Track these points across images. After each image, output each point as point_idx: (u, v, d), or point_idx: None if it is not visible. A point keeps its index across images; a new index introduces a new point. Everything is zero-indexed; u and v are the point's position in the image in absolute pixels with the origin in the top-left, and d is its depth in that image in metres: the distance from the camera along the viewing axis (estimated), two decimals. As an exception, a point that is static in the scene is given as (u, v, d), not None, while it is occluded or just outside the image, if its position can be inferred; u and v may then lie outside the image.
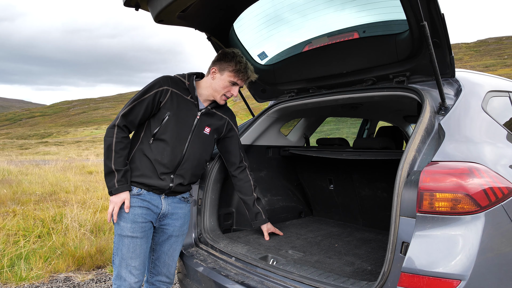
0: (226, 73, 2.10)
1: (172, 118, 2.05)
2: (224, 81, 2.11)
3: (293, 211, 3.43)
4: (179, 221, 2.20)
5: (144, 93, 2.02)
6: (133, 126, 2.04)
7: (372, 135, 4.70)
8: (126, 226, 1.98)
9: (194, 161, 2.14)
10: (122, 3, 2.08)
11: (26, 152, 29.98)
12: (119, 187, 1.94)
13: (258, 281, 1.96)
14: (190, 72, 2.21)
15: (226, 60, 2.11)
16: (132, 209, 1.99)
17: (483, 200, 1.43)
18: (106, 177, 1.97)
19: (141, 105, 2.00)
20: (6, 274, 3.52)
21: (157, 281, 2.25)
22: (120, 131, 1.98)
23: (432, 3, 1.71)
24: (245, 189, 2.46)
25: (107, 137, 1.97)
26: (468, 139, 1.66)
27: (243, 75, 2.12)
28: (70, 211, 5.19)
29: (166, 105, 2.04)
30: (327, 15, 2.31)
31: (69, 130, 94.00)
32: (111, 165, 1.94)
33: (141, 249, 2.02)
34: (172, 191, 2.11)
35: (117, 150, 1.95)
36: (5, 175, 9.62)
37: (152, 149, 2.03)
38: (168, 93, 2.05)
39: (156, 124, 2.04)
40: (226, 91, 2.13)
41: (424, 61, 2.06)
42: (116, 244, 2.02)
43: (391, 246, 1.52)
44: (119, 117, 1.99)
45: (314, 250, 2.45)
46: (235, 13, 2.45)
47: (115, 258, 2.03)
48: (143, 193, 2.03)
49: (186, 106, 2.10)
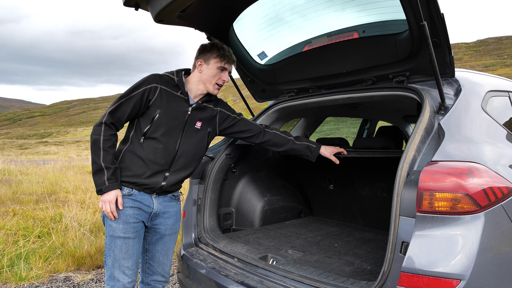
0: (211, 61, 2.10)
1: (163, 116, 2.02)
2: (212, 70, 2.11)
3: (293, 211, 3.43)
4: (171, 220, 2.18)
5: (132, 91, 1.99)
6: (120, 124, 2.01)
7: (372, 135, 4.70)
8: (118, 227, 1.96)
9: (188, 157, 2.12)
10: (122, 3, 2.08)
11: (25, 152, 29.98)
12: (109, 185, 1.90)
13: (258, 281, 1.96)
14: (178, 68, 2.20)
15: (207, 50, 2.12)
16: (124, 209, 1.97)
17: (483, 200, 1.43)
18: (94, 176, 1.92)
19: (128, 102, 1.98)
20: (5, 274, 3.52)
21: (152, 281, 2.23)
22: (107, 128, 1.95)
23: (431, 3, 1.71)
24: (279, 141, 2.41)
25: (94, 135, 1.94)
26: (468, 139, 1.66)
27: (229, 59, 2.13)
28: (70, 211, 5.19)
29: (155, 103, 2.02)
30: (326, 15, 2.31)
31: (69, 130, 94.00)
32: (100, 163, 1.90)
33: (133, 249, 2.01)
34: (163, 190, 2.09)
35: (105, 148, 1.92)
36: (5, 175, 9.61)
37: (143, 148, 2.01)
38: (157, 90, 2.03)
39: (146, 122, 2.02)
40: (217, 78, 2.13)
41: (423, 61, 2.06)
42: (108, 245, 2.00)
43: (391, 246, 1.53)
44: (106, 114, 1.96)
45: (314, 250, 2.45)
46: (234, 13, 2.45)
47: (107, 259, 2.01)
48: (134, 193, 2.01)
49: (176, 102, 2.08)
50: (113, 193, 1.92)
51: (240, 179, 3.01)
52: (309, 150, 2.41)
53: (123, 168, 2.01)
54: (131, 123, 2.08)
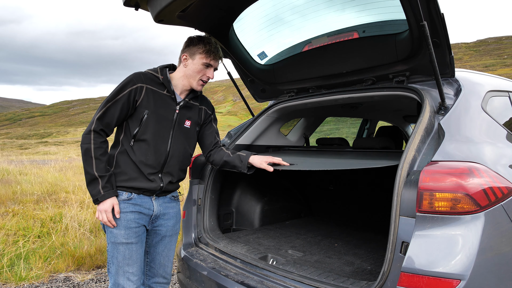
0: (197, 56, 2.03)
1: (151, 116, 1.96)
2: (197, 65, 2.04)
3: (293, 211, 3.43)
4: (171, 221, 2.16)
5: (117, 93, 1.92)
6: (110, 129, 1.95)
7: (372, 135, 4.70)
8: (119, 233, 1.92)
9: (179, 157, 2.08)
10: (122, 3, 2.08)
11: (25, 152, 29.96)
12: (105, 194, 1.86)
13: (258, 281, 1.96)
14: (161, 65, 2.13)
15: (194, 44, 2.05)
16: (124, 214, 1.94)
17: (483, 200, 1.43)
18: (89, 186, 1.88)
19: (115, 106, 1.91)
20: (5, 274, 3.52)
21: (154, 283, 2.20)
22: (97, 136, 1.89)
23: (432, 3, 1.71)
24: (216, 159, 2.27)
25: (84, 144, 1.88)
26: (468, 139, 1.66)
27: (215, 55, 2.05)
28: (70, 211, 5.19)
29: (142, 103, 1.95)
30: (326, 14, 2.31)
31: (69, 130, 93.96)
32: (93, 172, 1.86)
33: (137, 254, 1.97)
34: (163, 191, 2.06)
35: (97, 156, 1.87)
36: (5, 175, 9.61)
37: (134, 151, 1.96)
38: (143, 90, 1.95)
39: (135, 124, 1.96)
40: (201, 75, 2.06)
41: (423, 61, 2.06)
42: (111, 252, 1.95)
43: (391, 246, 1.53)
44: (94, 121, 1.89)
45: (314, 250, 2.45)
46: (234, 13, 2.45)
47: (110, 266, 1.96)
48: (134, 197, 1.97)
49: (163, 101, 2.02)
50: (108, 202, 1.88)
51: (240, 179, 3.01)
52: (239, 160, 2.22)
53: (119, 173, 1.97)
54: (120, 126, 2.01)
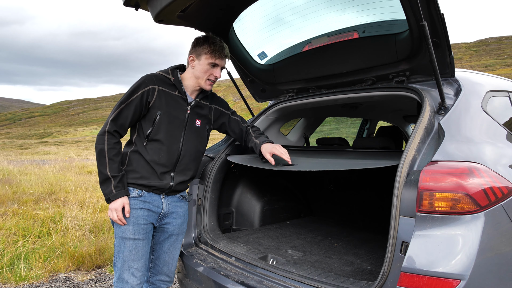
0: (203, 57, 2.08)
1: (163, 117, 2.03)
2: (203, 66, 2.08)
3: (293, 211, 3.43)
4: (179, 220, 2.20)
5: (131, 95, 1.98)
6: (123, 130, 2.02)
7: (372, 135, 4.70)
8: (127, 229, 1.98)
9: (191, 156, 2.15)
10: (122, 3, 2.08)
11: (25, 152, 29.96)
12: (117, 193, 1.93)
13: (257, 281, 1.96)
14: (172, 66, 2.18)
15: (199, 44, 2.09)
16: (133, 211, 1.99)
17: (483, 200, 1.43)
18: (102, 185, 1.95)
19: (129, 107, 1.97)
20: (5, 274, 3.52)
21: (157, 281, 2.25)
22: (111, 137, 1.95)
23: (432, 3, 1.71)
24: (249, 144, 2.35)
25: (98, 144, 1.95)
26: (468, 139, 1.66)
27: (220, 54, 2.09)
28: (70, 211, 5.19)
29: (155, 105, 2.02)
30: (326, 15, 2.31)
31: (69, 130, 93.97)
32: (106, 172, 1.92)
33: (143, 250, 2.02)
34: (172, 190, 2.11)
35: (111, 157, 1.93)
36: (5, 175, 9.61)
37: (148, 151, 2.02)
38: (155, 92, 2.02)
39: (148, 125, 2.03)
40: (209, 74, 2.10)
41: (423, 61, 2.06)
42: (118, 247, 2.01)
43: (391, 245, 1.53)
44: (108, 122, 1.96)
45: (314, 250, 2.45)
46: (234, 13, 2.45)
47: (116, 260, 2.02)
48: (144, 194, 2.03)
49: (175, 102, 2.08)
50: (119, 201, 1.94)
51: (240, 179, 3.01)
52: (256, 148, 2.27)
53: (131, 171, 2.03)
54: (133, 127, 2.08)
